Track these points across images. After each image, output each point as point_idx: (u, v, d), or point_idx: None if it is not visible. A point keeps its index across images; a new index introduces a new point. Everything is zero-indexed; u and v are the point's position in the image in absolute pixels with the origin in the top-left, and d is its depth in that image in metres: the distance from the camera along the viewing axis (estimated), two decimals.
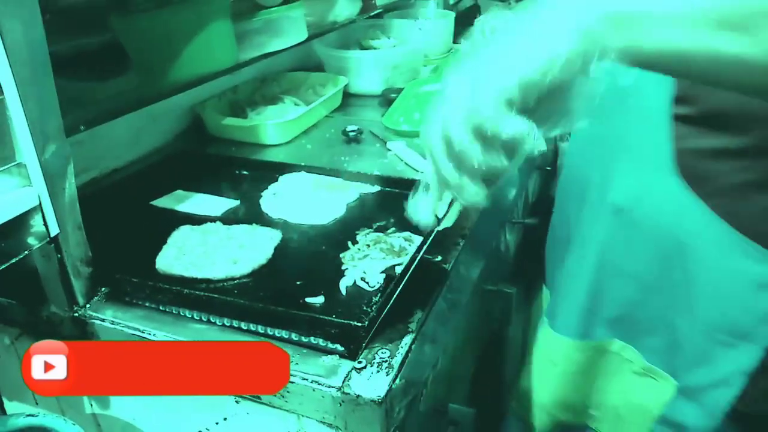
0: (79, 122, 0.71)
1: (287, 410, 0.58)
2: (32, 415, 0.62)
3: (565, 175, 0.87)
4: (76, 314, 0.65)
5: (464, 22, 1.93)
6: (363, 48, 1.47)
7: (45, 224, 0.59)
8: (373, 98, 1.35)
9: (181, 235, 0.79)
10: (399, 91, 1.28)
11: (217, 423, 0.64)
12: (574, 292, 0.77)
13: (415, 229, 0.81)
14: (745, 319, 0.64)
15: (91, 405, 0.72)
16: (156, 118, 1.07)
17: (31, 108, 0.55)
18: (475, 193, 0.48)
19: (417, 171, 0.99)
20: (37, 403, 0.76)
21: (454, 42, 1.60)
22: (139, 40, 0.92)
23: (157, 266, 0.72)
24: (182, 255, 0.74)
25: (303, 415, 0.57)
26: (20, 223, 0.57)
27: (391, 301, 0.64)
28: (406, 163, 1.02)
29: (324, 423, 0.56)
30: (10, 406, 0.79)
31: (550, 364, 0.84)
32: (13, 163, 0.56)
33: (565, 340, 0.80)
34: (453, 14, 1.61)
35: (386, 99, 1.28)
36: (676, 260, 0.67)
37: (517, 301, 1.19)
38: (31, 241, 0.58)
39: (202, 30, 0.93)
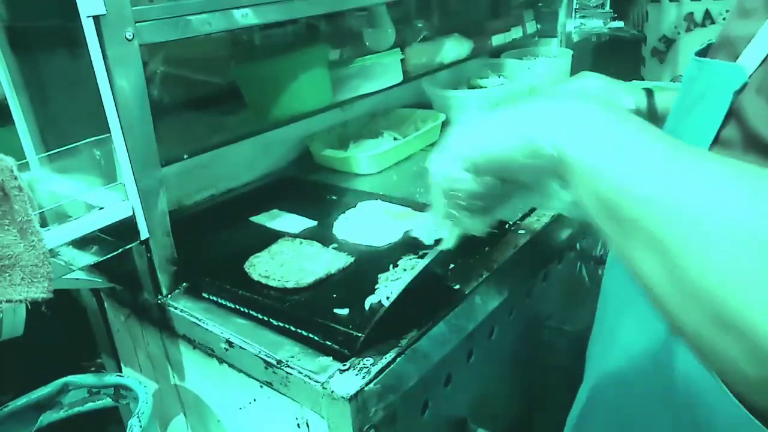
0: (182, 152, 0.91)
1: (291, 398, 0.70)
2: (121, 376, 0.81)
3: None
4: (160, 301, 0.83)
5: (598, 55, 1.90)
6: (471, 87, 1.55)
7: (137, 230, 0.78)
8: None
9: (279, 246, 0.94)
10: None
11: (254, 399, 0.78)
12: None
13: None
14: None
15: (174, 377, 0.90)
16: (268, 148, 1.27)
17: (131, 144, 0.75)
18: (471, 225, 0.59)
19: None
20: (141, 371, 0.97)
21: None
22: (251, 83, 1.12)
23: (244, 266, 0.89)
24: (272, 262, 0.88)
25: (301, 404, 0.69)
26: (120, 227, 0.77)
27: (394, 317, 0.74)
28: None
29: (314, 412, 0.68)
30: (124, 370, 1.01)
31: None
32: (116, 183, 0.76)
33: None
34: (570, 53, 1.62)
35: None
36: None
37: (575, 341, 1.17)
38: (127, 241, 0.78)
39: (302, 76, 1.11)
